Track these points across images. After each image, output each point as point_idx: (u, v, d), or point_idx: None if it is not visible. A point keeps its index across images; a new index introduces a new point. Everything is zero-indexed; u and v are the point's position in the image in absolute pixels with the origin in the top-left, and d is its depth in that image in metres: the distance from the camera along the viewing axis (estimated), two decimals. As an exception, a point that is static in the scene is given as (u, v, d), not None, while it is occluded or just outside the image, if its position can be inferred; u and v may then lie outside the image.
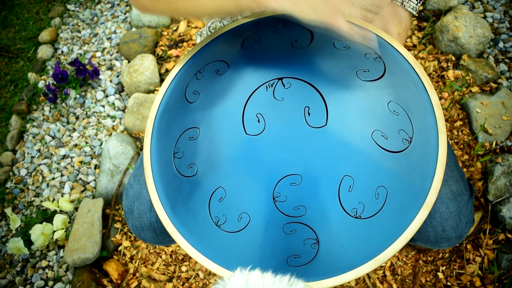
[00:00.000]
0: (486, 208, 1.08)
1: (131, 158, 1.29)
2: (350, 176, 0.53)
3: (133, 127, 1.37)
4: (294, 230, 0.53)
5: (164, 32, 1.64)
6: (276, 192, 0.53)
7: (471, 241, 1.06)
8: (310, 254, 0.53)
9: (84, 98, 1.50)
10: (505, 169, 1.09)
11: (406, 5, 0.75)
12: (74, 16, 1.79)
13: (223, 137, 0.57)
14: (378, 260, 0.52)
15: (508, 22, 1.41)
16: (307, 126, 0.55)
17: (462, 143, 1.20)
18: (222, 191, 0.55)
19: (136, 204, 0.70)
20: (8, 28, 1.78)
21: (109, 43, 1.64)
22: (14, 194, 1.32)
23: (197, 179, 0.57)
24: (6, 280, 1.16)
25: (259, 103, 0.57)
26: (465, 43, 1.30)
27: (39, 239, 1.13)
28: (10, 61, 1.66)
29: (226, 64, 0.63)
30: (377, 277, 1.06)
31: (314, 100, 0.56)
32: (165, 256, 1.16)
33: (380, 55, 0.62)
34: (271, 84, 0.58)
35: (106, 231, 1.19)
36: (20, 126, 1.46)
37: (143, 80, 1.44)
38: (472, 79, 1.28)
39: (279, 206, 0.53)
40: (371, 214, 0.53)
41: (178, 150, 0.60)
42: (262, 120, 0.56)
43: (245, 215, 0.54)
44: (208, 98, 0.61)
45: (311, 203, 0.53)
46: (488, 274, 1.01)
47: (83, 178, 1.33)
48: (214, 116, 0.59)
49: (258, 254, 0.54)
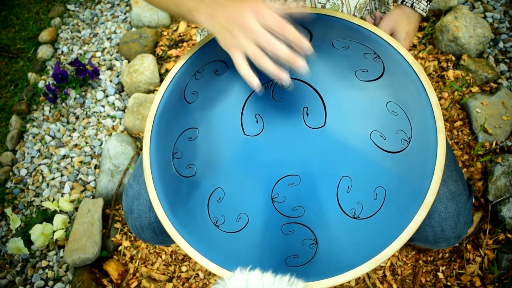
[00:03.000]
0: (486, 208, 1.08)
1: (131, 158, 1.29)
2: (348, 177, 0.53)
3: (133, 127, 1.37)
4: (293, 231, 0.53)
5: (164, 32, 1.64)
6: (275, 193, 0.53)
7: (471, 241, 1.06)
8: (308, 254, 0.53)
9: (84, 98, 1.50)
10: (505, 169, 1.08)
11: (416, 6, 0.76)
12: (74, 16, 1.79)
13: (222, 138, 0.57)
14: (377, 260, 0.52)
15: (508, 22, 1.40)
16: (306, 126, 0.55)
17: (462, 143, 1.20)
18: (221, 191, 0.55)
19: (135, 204, 0.71)
20: (8, 28, 1.78)
21: (109, 43, 1.64)
22: (14, 194, 1.32)
23: (196, 179, 0.57)
24: (6, 280, 1.16)
25: (257, 104, 0.57)
26: (465, 43, 1.30)
27: (39, 239, 1.13)
28: (10, 61, 1.67)
29: (225, 64, 0.63)
30: (377, 277, 1.06)
31: (312, 101, 0.56)
32: (165, 256, 1.16)
33: (379, 55, 0.62)
34: (269, 84, 0.58)
35: (106, 231, 1.19)
36: (20, 126, 1.46)
37: (143, 80, 1.44)
38: (472, 79, 1.28)
39: (277, 207, 0.53)
40: (369, 214, 0.53)
41: (177, 150, 0.60)
42: (260, 120, 0.56)
43: (244, 216, 0.54)
44: (207, 98, 0.61)
45: (310, 204, 0.53)
46: (488, 274, 1.01)
47: (83, 178, 1.33)
48: (213, 117, 0.59)
49: (257, 254, 0.54)
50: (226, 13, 0.56)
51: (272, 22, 0.53)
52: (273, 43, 0.52)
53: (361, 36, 0.65)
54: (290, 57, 0.52)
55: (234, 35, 0.55)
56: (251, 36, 0.53)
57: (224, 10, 0.56)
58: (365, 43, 0.63)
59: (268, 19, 0.53)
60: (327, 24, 0.67)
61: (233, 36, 0.55)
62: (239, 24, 0.54)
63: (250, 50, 0.53)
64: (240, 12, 0.54)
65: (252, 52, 0.53)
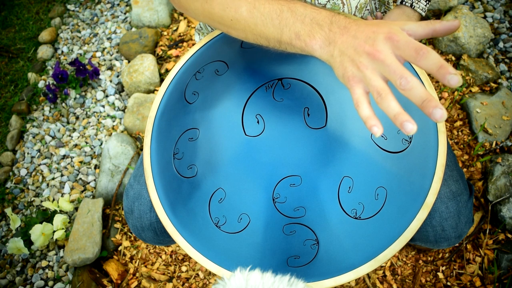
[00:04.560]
0: (486, 208, 1.08)
1: (131, 158, 1.29)
2: (349, 177, 0.53)
3: (133, 127, 1.37)
4: (294, 231, 0.53)
5: (164, 32, 1.64)
6: (276, 193, 0.53)
7: (471, 241, 1.07)
8: (310, 255, 0.53)
9: (84, 98, 1.50)
10: (505, 169, 1.09)
11: (415, 6, 0.77)
12: (74, 16, 1.79)
13: (222, 138, 0.57)
14: (378, 260, 0.52)
15: (508, 22, 1.40)
16: (307, 127, 0.55)
17: (462, 143, 1.20)
18: (222, 192, 0.55)
19: (136, 204, 0.70)
20: (8, 28, 1.78)
21: (109, 43, 1.64)
22: (14, 194, 1.32)
23: (197, 180, 0.57)
24: (6, 280, 1.16)
25: (258, 104, 0.57)
26: (465, 43, 1.30)
27: (39, 239, 1.13)
28: (10, 61, 1.66)
29: (225, 65, 0.63)
30: (377, 277, 1.06)
31: (313, 101, 0.56)
32: (165, 256, 1.16)
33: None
34: (270, 84, 0.58)
35: (106, 231, 1.19)
36: (20, 126, 1.46)
37: (143, 80, 1.44)
38: (472, 79, 1.28)
39: (278, 207, 0.53)
40: (370, 214, 0.53)
41: (178, 151, 0.60)
42: (261, 121, 0.56)
43: (245, 216, 0.54)
44: (208, 98, 0.61)
45: (311, 204, 0.53)
46: (488, 274, 1.01)
47: (83, 178, 1.33)
48: (213, 117, 0.59)
49: (258, 255, 0.54)
50: (352, 38, 0.46)
51: (411, 52, 0.41)
52: (410, 83, 0.40)
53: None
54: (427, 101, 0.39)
55: (359, 66, 0.44)
56: (380, 69, 0.43)
57: (348, 34, 0.46)
58: None
59: (405, 49, 0.42)
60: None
61: (358, 67, 0.44)
62: (369, 53, 0.43)
63: (377, 87, 0.42)
64: (371, 39, 0.44)
65: (378, 88, 0.42)
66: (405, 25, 0.45)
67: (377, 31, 0.44)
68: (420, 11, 0.77)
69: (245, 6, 0.51)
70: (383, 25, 0.45)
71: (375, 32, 0.44)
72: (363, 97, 0.44)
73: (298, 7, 0.50)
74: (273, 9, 0.50)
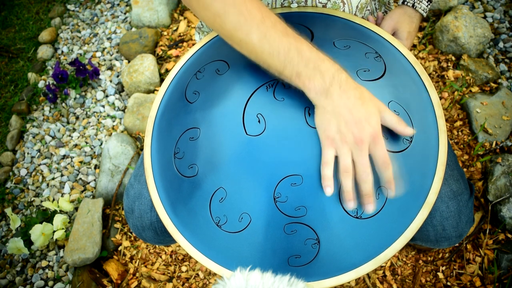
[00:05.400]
0: (486, 208, 1.08)
1: (131, 158, 1.29)
2: None
3: (133, 127, 1.37)
4: (295, 231, 0.53)
5: (164, 32, 1.64)
6: (277, 193, 0.53)
7: (471, 241, 1.07)
8: (311, 254, 0.53)
9: (84, 98, 1.50)
10: (505, 169, 1.09)
11: (417, 6, 0.77)
12: (74, 16, 1.79)
13: (223, 138, 0.57)
14: (379, 260, 0.53)
15: (508, 22, 1.41)
16: (308, 126, 0.55)
17: (462, 143, 1.20)
18: (223, 191, 0.55)
19: (136, 204, 0.70)
20: (8, 28, 1.77)
21: (109, 43, 1.64)
22: (14, 194, 1.32)
23: (198, 179, 0.57)
24: (6, 280, 1.16)
25: (259, 104, 0.57)
26: (465, 43, 1.30)
27: (39, 239, 1.13)
28: (10, 61, 1.66)
29: (226, 64, 0.63)
30: (377, 277, 1.06)
31: (314, 100, 0.56)
32: (165, 256, 1.16)
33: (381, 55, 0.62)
34: (271, 84, 0.58)
35: (106, 231, 1.19)
36: (20, 126, 1.46)
37: (143, 80, 1.44)
38: (472, 79, 1.29)
39: (279, 207, 0.53)
40: (371, 214, 0.53)
41: (179, 150, 0.60)
42: (262, 120, 0.56)
43: (246, 216, 0.54)
44: (208, 98, 0.61)
45: (312, 204, 0.53)
46: (488, 274, 1.01)
47: (83, 178, 1.33)
48: (214, 117, 0.59)
49: (259, 254, 0.54)
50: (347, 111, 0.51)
51: (380, 157, 0.51)
52: (368, 177, 0.51)
53: (363, 36, 0.65)
54: (368, 198, 0.52)
55: (342, 139, 0.51)
56: (354, 153, 0.51)
57: (346, 105, 0.51)
58: (366, 42, 0.63)
59: (378, 153, 0.51)
60: (328, 23, 0.67)
61: (341, 138, 0.51)
62: (355, 137, 0.50)
63: (346, 165, 0.51)
64: (362, 125, 0.50)
65: (345, 164, 0.51)
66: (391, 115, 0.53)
67: (369, 121, 0.51)
68: (422, 11, 0.77)
69: (256, 34, 0.53)
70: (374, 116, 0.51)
71: (367, 120, 0.51)
72: (332, 160, 0.52)
73: (304, 48, 0.52)
74: (282, 45, 0.52)
